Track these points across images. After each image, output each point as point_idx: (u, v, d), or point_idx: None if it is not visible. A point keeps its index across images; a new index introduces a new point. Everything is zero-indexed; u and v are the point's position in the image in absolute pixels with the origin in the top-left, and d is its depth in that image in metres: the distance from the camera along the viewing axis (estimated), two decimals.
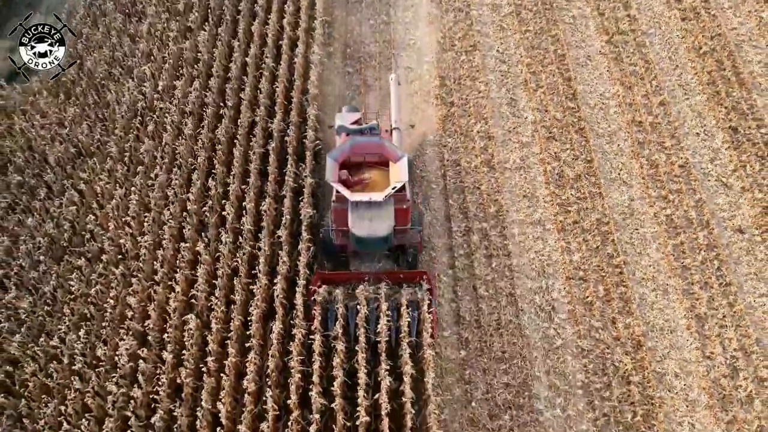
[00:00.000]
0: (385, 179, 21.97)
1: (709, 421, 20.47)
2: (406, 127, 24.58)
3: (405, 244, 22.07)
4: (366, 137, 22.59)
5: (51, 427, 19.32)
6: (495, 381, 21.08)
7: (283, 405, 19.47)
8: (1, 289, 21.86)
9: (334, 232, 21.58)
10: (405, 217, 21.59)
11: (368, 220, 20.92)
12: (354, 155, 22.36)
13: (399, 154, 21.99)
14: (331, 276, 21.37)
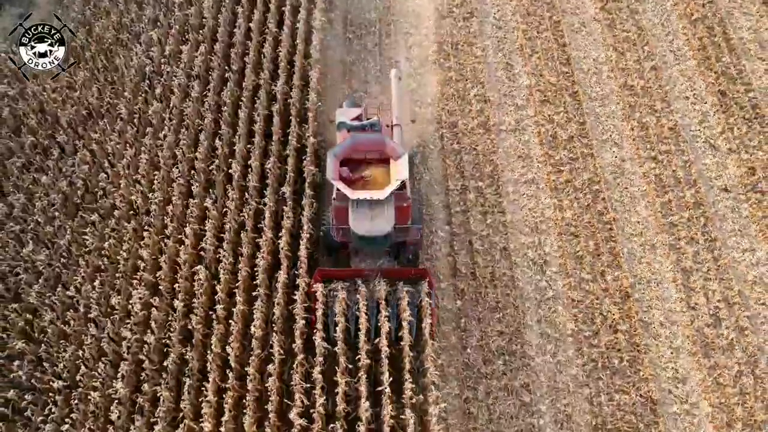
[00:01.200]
0: (385, 176, 21.90)
1: (692, 367, 21.61)
2: (406, 123, 24.62)
3: (405, 241, 22.13)
4: (367, 134, 22.47)
5: (69, 370, 20.44)
6: (489, 329, 22.20)
7: (288, 350, 20.57)
8: (18, 243, 22.85)
9: (334, 230, 21.66)
10: (405, 215, 21.60)
11: (369, 218, 20.87)
12: (355, 152, 22.15)
13: (400, 151, 21.88)
14: (331, 272, 21.45)
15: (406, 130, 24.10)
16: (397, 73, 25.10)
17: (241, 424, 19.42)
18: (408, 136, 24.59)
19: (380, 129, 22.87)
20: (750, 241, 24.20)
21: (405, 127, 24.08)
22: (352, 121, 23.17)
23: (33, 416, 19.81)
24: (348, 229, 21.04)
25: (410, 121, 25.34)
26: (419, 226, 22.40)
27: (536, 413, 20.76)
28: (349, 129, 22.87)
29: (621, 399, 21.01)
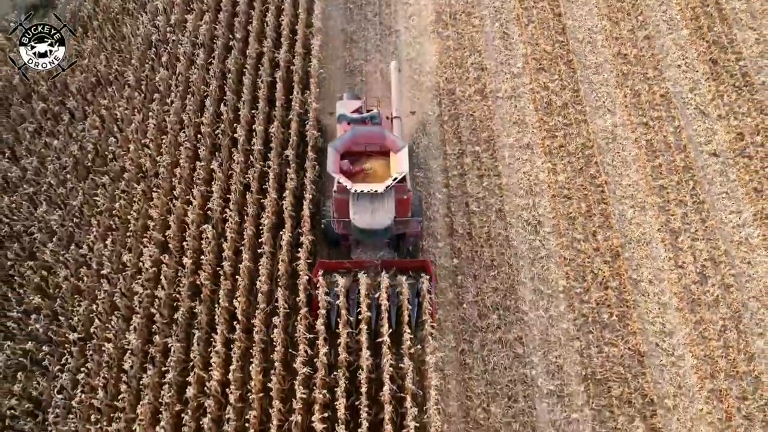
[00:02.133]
0: (385, 169, 22.04)
1: (679, 322, 22.60)
2: (406, 115, 24.94)
3: (405, 233, 22.40)
4: (367, 127, 22.59)
5: (83, 323, 21.44)
6: (484, 286, 23.16)
7: (292, 304, 21.56)
8: (32, 204, 23.75)
9: (335, 222, 21.93)
10: (405, 208, 21.79)
11: (369, 211, 21.03)
12: (355, 145, 22.24)
13: (400, 144, 21.96)
14: (332, 264, 21.77)
15: (406, 121, 24.43)
16: (396, 65, 25.29)
17: (248, 373, 20.43)
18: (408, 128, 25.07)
19: (380, 121, 23.09)
20: (737, 204, 25.08)
21: (405, 118, 24.37)
22: (352, 114, 23.33)
23: (50, 366, 20.81)
24: (349, 221, 21.29)
25: (410, 112, 25.70)
26: (419, 219, 22.66)
27: (529, 364, 21.77)
28: (349, 121, 23.04)
29: (610, 351, 22.01)
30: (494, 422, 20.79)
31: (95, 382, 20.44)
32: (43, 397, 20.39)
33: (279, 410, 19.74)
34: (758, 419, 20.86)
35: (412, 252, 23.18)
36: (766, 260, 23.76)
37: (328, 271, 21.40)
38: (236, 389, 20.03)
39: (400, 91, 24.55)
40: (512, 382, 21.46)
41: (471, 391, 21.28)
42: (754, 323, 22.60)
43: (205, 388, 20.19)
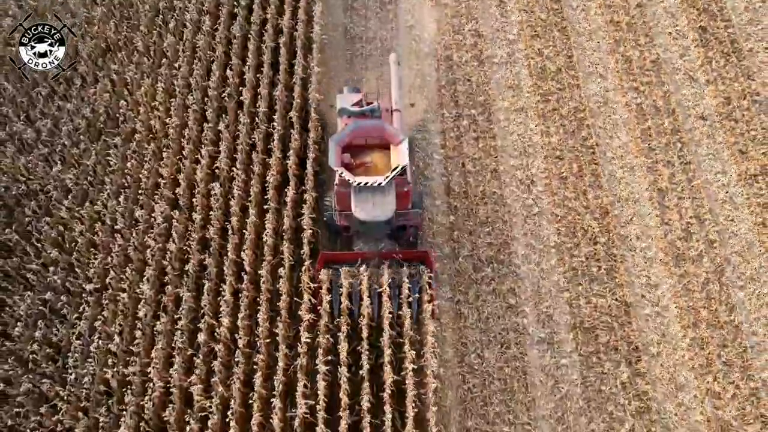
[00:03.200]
0: (386, 162, 22.20)
1: (664, 275, 23.77)
2: (406, 107, 25.29)
3: (406, 224, 22.80)
4: (367, 121, 22.78)
5: (99, 275, 22.64)
6: (479, 241, 24.32)
7: (297, 258, 22.74)
8: (47, 164, 24.83)
9: (337, 214, 22.32)
10: (406, 200, 22.10)
11: (370, 204, 21.32)
12: (356, 138, 22.38)
13: (400, 137, 22.05)
14: (334, 256, 22.26)
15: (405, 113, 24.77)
16: (396, 58, 25.41)
17: (255, 320, 21.66)
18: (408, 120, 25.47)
19: (380, 114, 23.36)
20: (722, 165, 26.13)
21: (404, 110, 24.57)
22: (352, 107, 23.57)
23: (68, 315, 22.03)
24: (350, 214, 21.65)
25: (409, 104, 26.12)
26: (419, 211, 23.05)
27: (521, 314, 22.99)
28: (350, 115, 23.33)
29: (598, 302, 23.22)
30: (488, 367, 22.05)
31: (111, 329, 21.69)
32: (62, 343, 21.63)
33: (285, 355, 20.97)
34: (737, 365, 22.10)
35: (413, 243, 23.58)
36: (748, 218, 24.86)
37: (331, 262, 21.89)
38: (245, 335, 21.28)
39: (399, 84, 24.65)
40: (505, 330, 22.68)
41: (466, 339, 22.53)
42: (735, 277, 23.75)
43: (215, 335, 21.41)
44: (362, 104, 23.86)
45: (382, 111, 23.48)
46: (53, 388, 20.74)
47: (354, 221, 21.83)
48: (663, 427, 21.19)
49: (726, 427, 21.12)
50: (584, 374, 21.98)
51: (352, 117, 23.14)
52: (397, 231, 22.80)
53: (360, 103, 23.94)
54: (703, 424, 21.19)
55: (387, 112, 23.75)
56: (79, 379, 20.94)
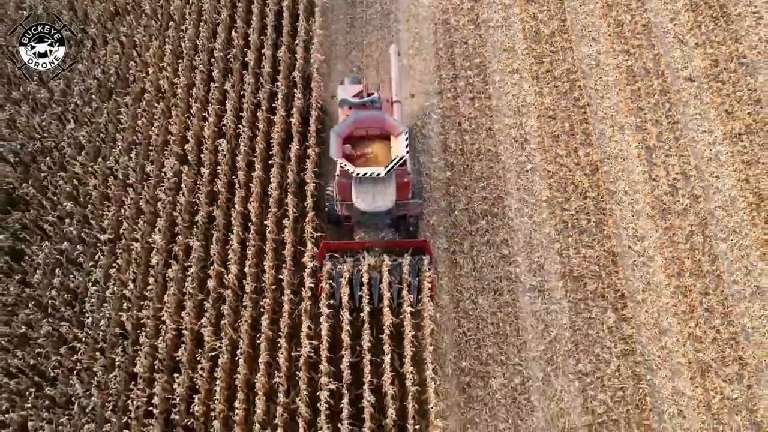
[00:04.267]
0: (386, 152, 22.57)
1: (650, 227, 24.94)
2: (406, 97, 25.65)
3: (406, 214, 23.22)
4: (368, 112, 23.06)
5: (112, 226, 23.81)
6: (474, 195, 25.46)
7: (300, 209, 23.91)
8: (61, 123, 25.90)
9: (338, 205, 22.78)
10: (406, 190, 22.56)
11: (371, 195, 21.74)
12: (356, 129, 22.73)
13: (400, 128, 22.37)
14: (336, 245, 22.64)
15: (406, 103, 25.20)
16: (396, 49, 25.70)
17: (261, 268, 22.87)
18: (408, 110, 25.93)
19: (380, 105, 23.70)
20: (708, 124, 27.20)
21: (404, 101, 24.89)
22: (353, 98, 23.88)
23: (84, 264, 23.24)
24: (351, 204, 22.15)
25: (409, 95, 26.62)
26: (419, 201, 23.56)
27: (513, 263, 24.19)
28: (351, 106, 23.66)
29: (587, 252, 24.42)
30: (481, 312, 23.30)
31: (125, 276, 22.89)
32: (79, 290, 22.85)
33: (290, 299, 22.21)
34: (718, 311, 23.33)
35: (413, 232, 24.13)
36: (732, 174, 25.97)
37: (332, 251, 22.38)
38: (252, 282, 22.50)
39: (399, 75, 24.80)
40: (498, 278, 23.90)
41: (461, 286, 23.75)
42: (718, 230, 24.92)
43: (223, 281, 22.62)
44: (363, 95, 24.17)
45: (382, 102, 23.82)
46: (71, 330, 21.99)
47: (355, 211, 22.28)
48: (647, 368, 22.46)
49: (706, 369, 22.39)
50: (573, 319, 23.22)
51: (353, 108, 23.47)
52: (398, 220, 23.24)
53: (361, 94, 24.23)
54: (685, 365, 22.46)
55: (387, 102, 24.12)
56: (95, 322, 22.19)
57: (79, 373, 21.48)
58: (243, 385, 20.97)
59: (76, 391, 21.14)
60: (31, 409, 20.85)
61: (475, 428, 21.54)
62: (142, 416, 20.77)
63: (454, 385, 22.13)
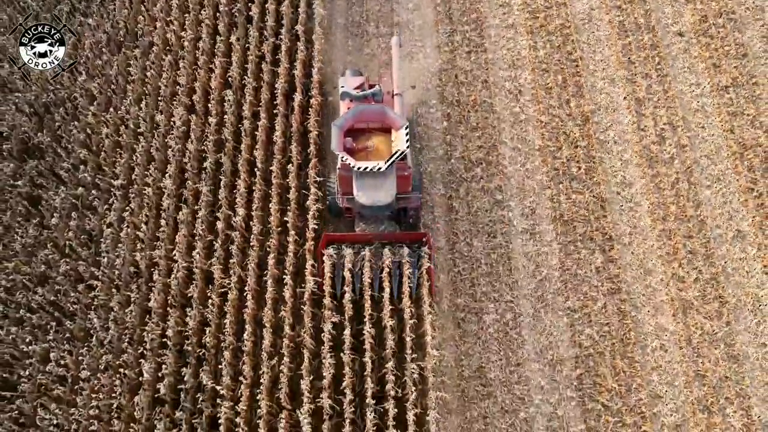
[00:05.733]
0: (387, 145, 22.75)
1: (638, 175, 26.11)
2: (407, 89, 25.29)
3: (407, 207, 23.58)
4: (369, 105, 23.22)
5: (124, 173, 25.01)
6: (470, 144, 26.61)
7: (304, 155, 25.09)
8: (73, 75, 26.95)
9: (340, 198, 23.16)
10: (407, 183, 22.77)
11: (372, 188, 22.02)
12: (357, 122, 22.96)
13: (400, 122, 22.55)
14: (337, 237, 23.13)
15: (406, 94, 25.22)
16: (397, 40, 25.68)
17: (267, 211, 24.11)
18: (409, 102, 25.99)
19: (382, 98, 23.82)
20: (696, 77, 28.21)
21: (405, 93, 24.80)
22: (354, 91, 24.05)
23: (99, 208, 24.46)
24: (353, 197, 22.53)
25: (410, 87, 26.78)
26: (419, 195, 23.88)
27: (506, 208, 25.42)
28: (352, 98, 23.79)
29: (577, 198, 25.63)
30: (476, 253, 24.60)
31: (138, 219, 24.13)
32: (94, 232, 24.11)
33: (295, 241, 23.47)
34: (700, 253, 24.60)
35: (413, 224, 24.45)
36: (718, 125, 27.06)
37: (333, 243, 22.90)
38: (258, 224, 23.75)
39: (401, 68, 24.84)
40: (492, 222, 25.15)
41: (457, 229, 25.01)
42: (703, 177, 26.09)
43: (231, 223, 23.86)
44: (364, 88, 24.42)
45: (383, 95, 24.05)
46: (88, 269, 23.26)
47: (356, 204, 22.69)
48: (632, 306, 23.79)
49: (687, 306, 23.73)
50: (562, 260, 24.51)
51: (355, 101, 23.72)
52: (398, 213, 23.71)
53: (362, 86, 24.48)
54: (668, 303, 23.79)
55: (388, 94, 24.29)
56: (110, 262, 23.48)
57: (97, 308, 22.81)
58: (251, 319, 22.32)
59: (94, 326, 22.49)
60: (52, 341, 22.22)
61: (469, 360, 22.93)
62: (156, 348, 22.12)
63: (450, 321, 23.49)
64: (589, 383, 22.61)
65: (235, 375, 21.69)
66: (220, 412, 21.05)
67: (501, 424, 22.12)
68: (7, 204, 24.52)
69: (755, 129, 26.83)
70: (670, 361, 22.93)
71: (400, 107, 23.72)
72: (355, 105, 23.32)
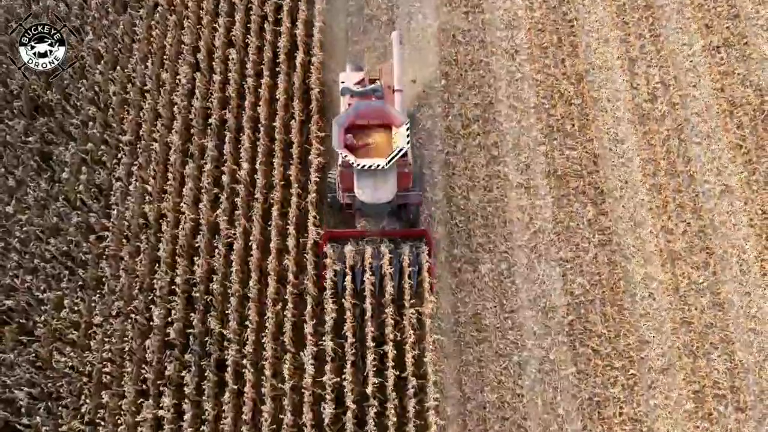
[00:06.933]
0: (388, 142, 22.75)
1: (630, 132, 26.92)
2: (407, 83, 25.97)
3: (407, 203, 23.80)
4: (369, 102, 23.29)
5: (132, 129, 25.82)
6: (467, 102, 27.38)
7: (306, 112, 25.89)
8: (79, 35, 27.59)
9: (340, 194, 23.36)
10: (407, 180, 22.93)
11: (372, 186, 22.17)
12: (358, 119, 23.01)
13: (401, 119, 22.68)
14: (338, 233, 23.42)
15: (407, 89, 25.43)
16: (398, 36, 25.39)
17: (271, 166, 24.97)
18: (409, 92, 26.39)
19: (382, 94, 23.74)
20: (689, 38, 28.85)
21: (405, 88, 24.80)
22: (354, 86, 24.10)
23: (108, 162, 25.31)
24: (353, 194, 22.64)
25: (411, 81, 27.07)
26: (420, 192, 24.08)
27: (502, 163, 26.27)
28: (353, 94, 23.84)
29: (570, 154, 26.46)
30: (472, 206, 25.50)
31: (146, 173, 24.99)
32: (104, 186, 24.96)
33: (297, 194, 24.37)
34: (689, 207, 25.49)
35: (413, 221, 24.65)
36: (709, 84, 27.78)
37: (334, 239, 23.18)
38: (262, 178, 24.60)
39: (401, 63, 24.70)
40: (488, 176, 26.01)
41: (454, 184, 25.89)
42: (693, 134, 26.89)
43: (236, 177, 24.73)
44: (365, 83, 24.47)
45: (384, 90, 23.98)
46: (99, 221, 24.18)
47: (356, 201, 22.84)
48: (622, 256, 24.75)
49: (676, 256, 24.69)
50: (555, 213, 25.41)
51: (355, 96, 23.82)
52: (399, 209, 23.90)
53: (363, 82, 24.55)
54: (656, 253, 24.75)
55: (389, 88, 24.20)
56: (120, 214, 24.37)
57: (108, 258, 23.75)
58: (256, 268, 23.27)
59: (105, 274, 23.46)
60: (65, 289, 23.20)
61: (465, 307, 23.95)
62: (165, 295, 23.11)
63: (447, 270, 24.46)
64: (580, 329, 23.65)
65: (242, 320, 22.71)
66: (228, 355, 22.10)
67: (495, 367, 23.18)
68: (19, 160, 25.30)
69: (745, 88, 27.56)
70: (657, 309, 23.94)
71: (400, 104, 23.75)
72: (355, 101, 23.43)
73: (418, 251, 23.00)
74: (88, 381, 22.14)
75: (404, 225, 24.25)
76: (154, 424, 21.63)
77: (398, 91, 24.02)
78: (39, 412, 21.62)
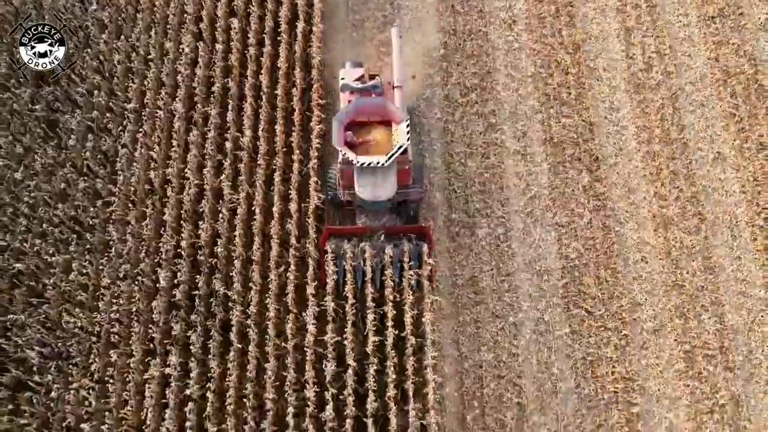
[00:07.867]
0: (388, 139, 22.73)
1: (625, 100, 27.40)
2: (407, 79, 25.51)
3: (407, 200, 23.82)
4: (369, 99, 23.21)
5: (137, 97, 26.31)
6: (466, 71, 27.83)
7: (307, 80, 26.40)
8: (83, 5, 28.01)
9: (341, 192, 23.36)
10: (407, 177, 22.95)
11: (372, 184, 22.14)
12: (358, 116, 23.01)
13: (401, 116, 22.62)
14: (338, 230, 23.53)
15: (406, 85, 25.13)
16: (398, 31, 25.33)
17: (273, 133, 25.51)
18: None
19: (382, 91, 23.71)
20: (684, 8, 29.20)
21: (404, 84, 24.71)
22: (354, 83, 24.04)
23: (113, 130, 25.85)
24: (354, 191, 22.63)
25: (411, 77, 27.12)
26: (420, 188, 24.15)
27: (499, 130, 26.79)
28: (353, 91, 23.80)
29: (566, 122, 26.97)
30: (470, 173, 26.06)
31: (151, 140, 25.55)
32: (110, 153, 25.53)
33: (299, 160, 24.94)
34: (682, 174, 26.06)
35: (413, 217, 24.60)
36: (703, 53, 28.22)
37: (335, 236, 23.27)
38: (265, 144, 25.15)
39: (401, 59, 24.61)
40: (485, 144, 26.55)
41: (452, 151, 26.44)
42: (687, 103, 27.38)
43: (239, 143, 25.27)
44: (365, 80, 24.41)
45: (384, 87, 23.96)
46: (106, 187, 24.78)
47: (357, 198, 22.87)
48: (615, 221, 25.37)
49: (668, 221, 25.30)
50: (551, 179, 25.99)
51: (355, 93, 23.77)
52: (399, 206, 23.88)
53: (362, 78, 24.47)
54: (649, 219, 25.36)
55: (388, 84, 24.26)
56: (126, 180, 24.98)
57: (114, 222, 24.38)
58: (259, 232, 23.93)
59: (113, 238, 24.11)
60: (74, 253, 23.85)
61: (463, 270, 24.60)
62: (171, 258, 23.77)
63: (445, 235, 25.09)
64: (574, 291, 24.33)
65: (246, 282, 23.39)
66: (232, 316, 22.80)
67: (491, 327, 23.89)
68: (26, 127, 25.84)
69: (739, 57, 28.01)
70: (650, 272, 24.59)
71: (400, 100, 23.77)
72: (355, 97, 23.47)
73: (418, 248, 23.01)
74: (97, 341, 22.85)
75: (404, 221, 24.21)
76: (162, 381, 22.35)
77: (398, 87, 24.07)
78: (50, 371, 22.41)
